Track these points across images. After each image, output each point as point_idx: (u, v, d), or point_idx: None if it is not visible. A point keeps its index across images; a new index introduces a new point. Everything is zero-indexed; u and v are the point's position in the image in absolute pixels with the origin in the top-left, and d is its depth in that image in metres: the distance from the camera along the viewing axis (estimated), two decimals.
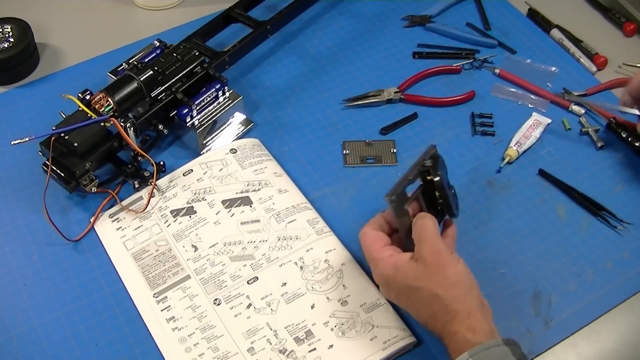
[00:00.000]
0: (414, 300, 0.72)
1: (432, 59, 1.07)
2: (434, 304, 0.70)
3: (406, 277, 0.71)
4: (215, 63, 0.96)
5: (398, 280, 0.72)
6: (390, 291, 0.75)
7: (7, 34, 1.01)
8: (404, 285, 0.72)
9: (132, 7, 1.15)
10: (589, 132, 0.98)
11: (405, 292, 0.73)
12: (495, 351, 0.66)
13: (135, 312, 0.80)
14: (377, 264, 0.74)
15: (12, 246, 0.85)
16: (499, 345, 0.67)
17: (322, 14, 1.13)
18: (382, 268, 0.74)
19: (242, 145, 0.94)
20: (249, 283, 0.81)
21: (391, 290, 0.75)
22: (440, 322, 0.70)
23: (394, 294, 0.75)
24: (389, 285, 0.74)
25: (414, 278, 0.71)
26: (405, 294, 0.73)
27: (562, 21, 1.13)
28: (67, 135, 0.83)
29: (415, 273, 0.71)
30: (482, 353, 0.66)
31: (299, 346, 0.76)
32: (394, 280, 0.73)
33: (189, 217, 0.87)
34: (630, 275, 0.84)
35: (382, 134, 0.97)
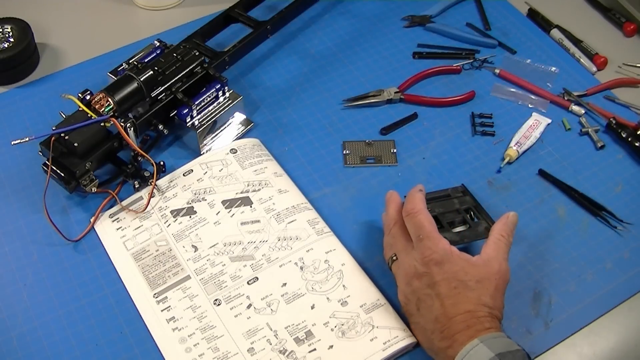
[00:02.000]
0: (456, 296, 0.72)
1: (432, 59, 1.07)
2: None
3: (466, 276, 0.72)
4: (215, 63, 0.96)
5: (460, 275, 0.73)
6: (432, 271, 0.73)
7: (7, 34, 1.01)
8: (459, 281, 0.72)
9: (132, 7, 1.15)
10: (589, 132, 0.98)
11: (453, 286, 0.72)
12: (501, 340, 0.69)
13: (135, 312, 0.80)
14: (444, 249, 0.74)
15: (12, 246, 0.85)
16: (503, 336, 0.69)
17: (322, 14, 1.13)
18: (455, 257, 0.73)
19: (242, 145, 0.94)
20: (249, 283, 0.81)
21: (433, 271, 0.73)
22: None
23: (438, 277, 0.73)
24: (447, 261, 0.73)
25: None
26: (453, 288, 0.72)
27: (562, 21, 1.13)
28: (67, 135, 0.83)
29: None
30: (490, 340, 0.68)
31: (299, 346, 0.76)
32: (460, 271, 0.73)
33: (189, 217, 0.87)
34: (630, 275, 0.84)
35: (382, 134, 0.97)
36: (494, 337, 0.69)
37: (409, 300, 0.75)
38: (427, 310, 0.73)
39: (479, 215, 0.85)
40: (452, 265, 0.73)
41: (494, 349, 0.67)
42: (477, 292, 0.72)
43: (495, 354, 0.67)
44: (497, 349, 0.67)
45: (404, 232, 0.78)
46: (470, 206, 0.86)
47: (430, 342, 0.73)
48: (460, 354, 0.68)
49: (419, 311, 0.74)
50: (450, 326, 0.71)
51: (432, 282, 0.73)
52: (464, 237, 0.82)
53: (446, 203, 0.86)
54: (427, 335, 0.73)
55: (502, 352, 0.67)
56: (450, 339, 0.70)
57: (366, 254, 0.85)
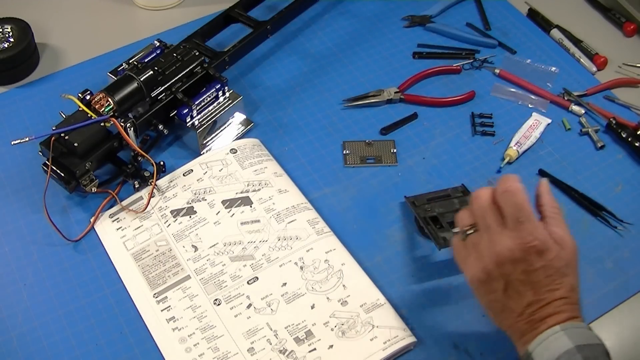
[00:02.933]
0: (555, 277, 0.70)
1: (432, 59, 1.07)
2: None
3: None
4: (215, 63, 0.96)
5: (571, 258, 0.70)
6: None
7: (7, 34, 1.01)
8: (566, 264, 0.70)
9: (132, 7, 1.15)
10: (589, 132, 0.98)
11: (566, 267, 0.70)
12: (584, 331, 0.66)
13: (135, 312, 0.80)
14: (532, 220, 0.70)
15: (12, 246, 0.85)
16: (585, 327, 0.67)
17: (322, 14, 1.13)
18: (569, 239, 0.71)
19: (242, 145, 0.94)
20: (249, 283, 0.81)
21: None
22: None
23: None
24: (547, 249, 0.70)
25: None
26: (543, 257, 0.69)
27: (562, 21, 1.13)
28: (67, 135, 0.83)
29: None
30: (572, 330, 0.66)
31: (299, 346, 0.76)
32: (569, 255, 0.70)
33: (189, 217, 0.87)
34: (630, 275, 0.84)
35: (382, 134, 0.97)
36: (575, 327, 0.66)
37: (494, 279, 0.70)
38: (517, 294, 0.70)
39: None
40: (550, 253, 0.69)
41: (574, 340, 0.65)
42: (569, 277, 0.70)
43: (575, 345, 0.64)
44: (577, 340, 0.65)
45: (496, 208, 0.72)
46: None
47: (511, 322, 0.70)
48: (538, 338, 0.66)
49: (506, 293, 0.70)
50: (541, 312, 0.69)
51: (529, 269, 0.69)
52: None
53: (446, 203, 0.86)
54: (511, 317, 0.70)
55: (582, 345, 0.65)
56: (539, 322, 0.68)
57: (366, 254, 0.85)
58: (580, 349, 0.64)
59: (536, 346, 0.66)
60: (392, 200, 0.90)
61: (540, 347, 0.66)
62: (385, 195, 0.91)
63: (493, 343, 0.78)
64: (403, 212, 0.89)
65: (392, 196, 0.91)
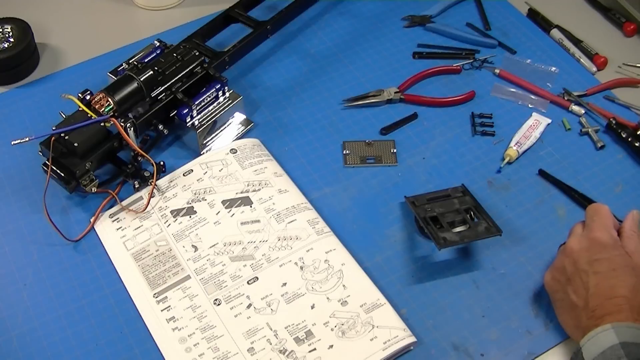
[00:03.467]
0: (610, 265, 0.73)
1: (432, 59, 1.07)
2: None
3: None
4: (215, 63, 0.96)
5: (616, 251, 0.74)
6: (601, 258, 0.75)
7: (7, 34, 1.01)
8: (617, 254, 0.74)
9: (132, 7, 1.15)
10: (589, 132, 0.98)
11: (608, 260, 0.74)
12: (637, 331, 0.68)
13: (135, 312, 0.80)
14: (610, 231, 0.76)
15: (12, 246, 0.85)
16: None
17: (322, 14, 1.13)
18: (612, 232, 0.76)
19: (242, 145, 0.94)
20: (249, 283, 0.81)
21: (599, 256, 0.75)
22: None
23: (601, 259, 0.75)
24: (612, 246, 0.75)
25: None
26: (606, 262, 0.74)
27: (562, 21, 1.13)
28: (67, 135, 0.83)
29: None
30: (624, 328, 0.68)
31: (299, 346, 0.76)
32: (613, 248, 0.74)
33: (189, 217, 0.87)
34: None
35: (382, 134, 0.97)
36: (628, 327, 0.68)
37: (561, 271, 0.76)
38: (581, 285, 0.73)
39: (479, 215, 0.85)
40: (615, 250, 0.74)
41: (621, 337, 0.67)
42: (633, 279, 0.72)
43: (620, 342, 0.66)
44: (624, 337, 0.67)
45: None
46: (470, 206, 0.86)
47: (575, 321, 0.73)
48: (589, 334, 0.69)
49: (571, 285, 0.74)
50: (602, 309, 0.71)
51: (592, 259, 0.74)
52: (464, 237, 0.82)
53: (446, 203, 0.86)
54: (575, 313, 0.73)
55: (627, 342, 0.67)
56: (599, 318, 0.70)
57: (366, 254, 0.85)
58: (625, 346, 0.66)
59: (586, 341, 0.69)
60: (392, 200, 0.90)
61: (589, 343, 0.69)
62: (385, 195, 0.91)
63: (493, 343, 0.78)
64: (403, 212, 0.89)
65: (392, 196, 0.91)
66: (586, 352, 0.69)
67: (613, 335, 0.67)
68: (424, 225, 0.84)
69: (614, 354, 0.66)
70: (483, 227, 0.83)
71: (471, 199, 0.87)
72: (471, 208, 0.86)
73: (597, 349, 0.68)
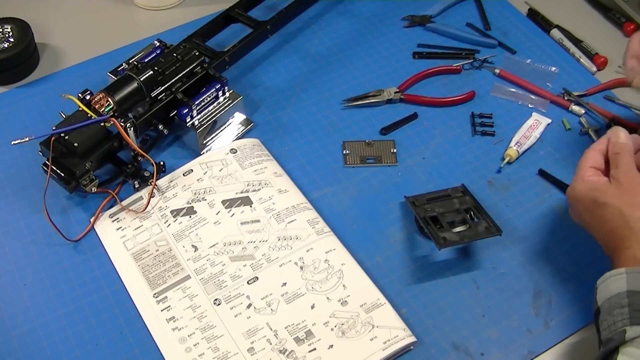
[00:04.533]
0: (598, 215, 0.75)
1: (432, 59, 1.07)
2: (616, 219, 0.73)
3: (597, 193, 0.75)
4: (215, 63, 0.96)
5: (589, 196, 0.76)
6: (576, 208, 0.79)
7: (7, 34, 1.01)
8: (592, 201, 0.75)
9: (132, 7, 1.15)
10: (589, 132, 0.98)
11: (591, 209, 0.76)
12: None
13: (135, 312, 0.80)
14: (576, 179, 0.78)
15: (12, 246, 0.85)
16: None
17: (322, 14, 1.13)
18: (578, 183, 0.78)
19: (242, 145, 0.94)
20: (249, 283, 0.81)
21: (578, 207, 0.78)
22: (618, 236, 0.73)
23: (580, 209, 0.78)
24: (579, 200, 0.77)
25: (604, 195, 0.75)
26: (590, 211, 0.76)
27: (562, 21, 1.13)
28: (67, 135, 0.83)
29: (607, 191, 0.75)
30: (637, 274, 0.68)
31: (299, 346, 0.76)
32: (585, 195, 0.76)
33: (189, 217, 0.87)
34: None
35: (382, 134, 0.97)
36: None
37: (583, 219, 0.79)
38: (597, 228, 0.76)
39: (479, 215, 0.85)
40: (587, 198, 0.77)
41: (630, 285, 0.68)
42: None
43: (628, 289, 0.67)
44: (633, 285, 0.68)
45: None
46: (470, 206, 0.86)
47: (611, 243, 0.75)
48: (604, 275, 0.70)
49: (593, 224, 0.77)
50: (611, 240, 0.74)
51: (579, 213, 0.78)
52: (464, 237, 0.82)
53: (446, 203, 0.86)
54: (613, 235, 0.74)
55: (634, 291, 0.67)
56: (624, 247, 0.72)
57: (366, 253, 0.85)
58: (631, 295, 0.67)
59: (601, 283, 0.71)
60: (392, 200, 0.90)
61: (602, 286, 0.70)
62: (385, 195, 0.91)
63: (493, 343, 0.78)
64: (403, 212, 0.89)
65: (392, 196, 0.91)
66: (599, 294, 0.70)
67: (623, 282, 0.68)
68: (424, 225, 0.84)
69: (618, 302, 0.68)
70: (483, 227, 0.83)
71: (471, 199, 0.87)
72: (471, 208, 0.86)
73: (607, 294, 0.69)
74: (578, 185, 0.78)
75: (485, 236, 0.82)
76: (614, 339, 0.66)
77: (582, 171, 0.78)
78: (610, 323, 0.67)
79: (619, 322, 0.67)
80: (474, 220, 0.85)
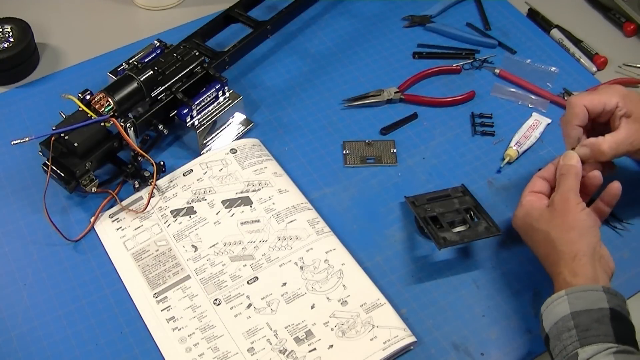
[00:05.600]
0: (534, 241, 0.78)
1: (432, 59, 1.07)
2: (547, 244, 0.76)
3: (530, 219, 0.78)
4: (215, 63, 0.96)
5: (525, 222, 0.79)
6: (518, 229, 0.81)
7: (7, 34, 1.01)
8: (529, 226, 0.79)
9: (132, 7, 1.15)
10: None
11: (528, 234, 0.79)
12: (590, 295, 0.70)
13: (135, 312, 0.80)
14: (518, 204, 0.81)
15: (12, 246, 0.85)
16: (597, 290, 0.70)
17: (322, 14, 1.13)
18: (517, 210, 0.81)
19: (242, 145, 0.94)
20: (249, 283, 0.81)
21: (519, 233, 0.81)
22: (550, 261, 0.75)
23: (521, 235, 0.81)
24: (518, 227, 0.81)
25: (537, 221, 0.77)
26: (528, 236, 0.79)
27: (562, 21, 1.13)
28: (67, 135, 0.83)
29: (540, 217, 0.77)
30: (577, 294, 0.70)
31: (299, 346, 0.76)
32: (522, 222, 0.80)
33: (189, 217, 0.87)
34: (630, 275, 0.84)
35: (382, 134, 0.97)
36: (582, 291, 0.70)
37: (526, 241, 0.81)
38: (535, 252, 0.78)
39: (479, 215, 0.85)
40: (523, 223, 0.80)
41: (573, 306, 0.69)
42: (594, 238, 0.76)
43: (571, 311, 0.69)
44: (575, 306, 0.69)
45: None
46: (470, 206, 0.86)
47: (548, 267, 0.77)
48: (547, 301, 0.72)
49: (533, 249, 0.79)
50: (547, 265, 0.76)
51: (521, 235, 0.80)
52: (464, 237, 0.82)
53: (446, 203, 0.86)
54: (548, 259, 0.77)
55: (578, 311, 0.69)
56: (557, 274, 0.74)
57: (366, 253, 0.85)
58: (576, 315, 0.68)
59: (545, 309, 0.72)
60: (392, 200, 0.90)
61: (547, 312, 0.71)
62: (385, 195, 0.91)
63: (493, 343, 0.78)
64: (403, 212, 0.89)
65: (392, 196, 0.91)
66: (545, 321, 0.71)
67: (565, 304, 0.70)
68: (424, 225, 0.84)
69: (564, 325, 0.69)
70: (483, 227, 0.83)
71: (471, 199, 0.87)
72: (471, 208, 0.86)
73: (553, 319, 0.70)
74: (516, 212, 0.81)
75: (485, 236, 0.83)
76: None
77: (521, 198, 0.81)
78: (561, 348, 0.68)
79: (569, 346, 0.67)
80: (474, 220, 0.85)
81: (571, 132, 0.82)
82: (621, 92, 0.82)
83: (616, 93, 0.82)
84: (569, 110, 0.83)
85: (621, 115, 0.81)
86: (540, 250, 0.77)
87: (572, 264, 0.72)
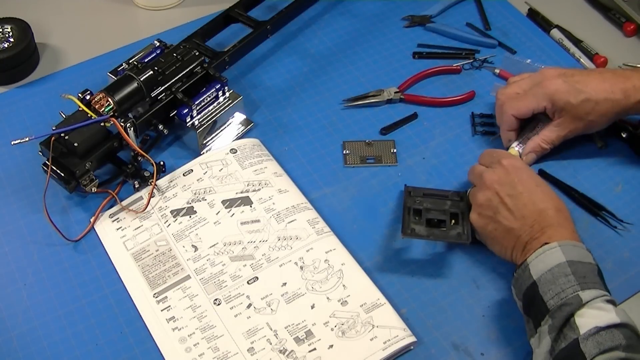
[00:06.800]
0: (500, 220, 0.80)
1: (432, 59, 1.07)
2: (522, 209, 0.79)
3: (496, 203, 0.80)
4: (215, 63, 0.96)
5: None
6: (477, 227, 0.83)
7: (7, 34, 1.01)
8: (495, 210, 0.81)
9: (132, 7, 1.15)
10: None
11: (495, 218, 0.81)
12: (580, 250, 0.74)
13: (135, 312, 0.80)
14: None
15: (12, 246, 0.85)
16: (583, 248, 0.75)
17: (322, 14, 1.13)
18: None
19: (242, 145, 0.94)
20: (249, 283, 0.81)
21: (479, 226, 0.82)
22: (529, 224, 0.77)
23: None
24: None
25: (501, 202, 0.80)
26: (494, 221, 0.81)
27: (562, 21, 1.13)
28: (67, 135, 0.83)
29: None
30: (569, 246, 0.73)
31: (299, 346, 0.76)
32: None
33: (189, 217, 0.87)
34: (630, 275, 0.84)
35: (382, 134, 0.97)
36: (573, 245, 0.74)
37: (489, 206, 0.80)
38: (511, 210, 0.78)
39: (462, 223, 0.84)
40: (527, 169, 0.83)
41: (568, 256, 0.72)
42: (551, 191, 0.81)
43: (567, 260, 0.72)
44: (570, 256, 0.72)
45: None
46: (458, 212, 0.85)
47: (515, 240, 0.78)
48: (537, 252, 0.74)
49: (500, 213, 0.79)
50: (539, 221, 0.77)
51: (513, 183, 0.80)
52: (431, 234, 0.82)
53: (438, 202, 0.85)
54: (512, 234, 0.78)
55: (574, 261, 0.72)
56: (540, 231, 0.76)
57: (366, 253, 0.85)
58: (571, 264, 0.71)
59: (533, 258, 0.73)
60: (392, 200, 0.90)
61: (537, 260, 0.73)
62: (385, 195, 0.91)
63: (493, 343, 0.78)
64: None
65: (392, 196, 0.91)
66: (533, 268, 0.73)
67: (560, 254, 0.72)
68: (404, 212, 0.83)
69: (560, 271, 0.71)
70: (455, 232, 0.82)
71: (465, 207, 0.85)
72: (458, 214, 0.84)
73: (545, 266, 0.72)
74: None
75: (454, 241, 0.82)
76: (570, 304, 0.69)
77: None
78: (558, 291, 0.70)
79: (568, 289, 0.70)
80: (452, 223, 0.84)
81: (503, 136, 0.93)
82: (549, 91, 0.87)
83: (544, 96, 0.87)
84: (499, 116, 0.92)
85: (553, 112, 0.89)
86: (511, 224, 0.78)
87: (557, 217, 0.77)
